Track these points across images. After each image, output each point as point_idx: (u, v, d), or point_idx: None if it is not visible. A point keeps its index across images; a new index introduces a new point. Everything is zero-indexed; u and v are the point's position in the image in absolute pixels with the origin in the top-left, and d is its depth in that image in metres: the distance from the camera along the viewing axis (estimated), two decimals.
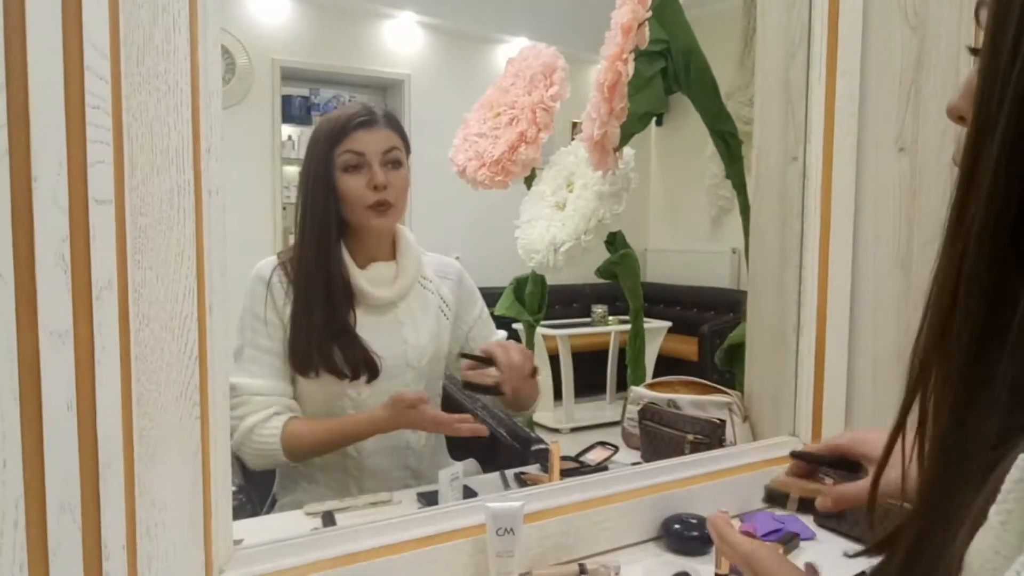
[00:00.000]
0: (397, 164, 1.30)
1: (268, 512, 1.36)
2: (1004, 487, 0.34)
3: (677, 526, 1.11)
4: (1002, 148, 0.36)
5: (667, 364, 4.49)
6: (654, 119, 3.37)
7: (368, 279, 1.31)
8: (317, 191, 1.27)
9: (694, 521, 1.11)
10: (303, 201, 1.30)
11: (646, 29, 1.52)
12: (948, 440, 0.39)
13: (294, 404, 1.29)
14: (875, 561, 0.75)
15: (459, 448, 1.50)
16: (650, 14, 1.52)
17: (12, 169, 0.64)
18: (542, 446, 1.49)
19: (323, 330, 1.27)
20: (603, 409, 4.71)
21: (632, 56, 1.53)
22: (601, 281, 2.33)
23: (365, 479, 1.32)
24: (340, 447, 1.29)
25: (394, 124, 1.32)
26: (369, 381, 1.29)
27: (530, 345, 2.49)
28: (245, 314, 1.29)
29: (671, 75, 1.69)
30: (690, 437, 1.37)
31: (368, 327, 1.31)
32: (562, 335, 4.42)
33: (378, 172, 1.26)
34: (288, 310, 1.28)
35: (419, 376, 1.35)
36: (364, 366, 1.28)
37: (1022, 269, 0.36)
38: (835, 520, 1.16)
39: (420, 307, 1.37)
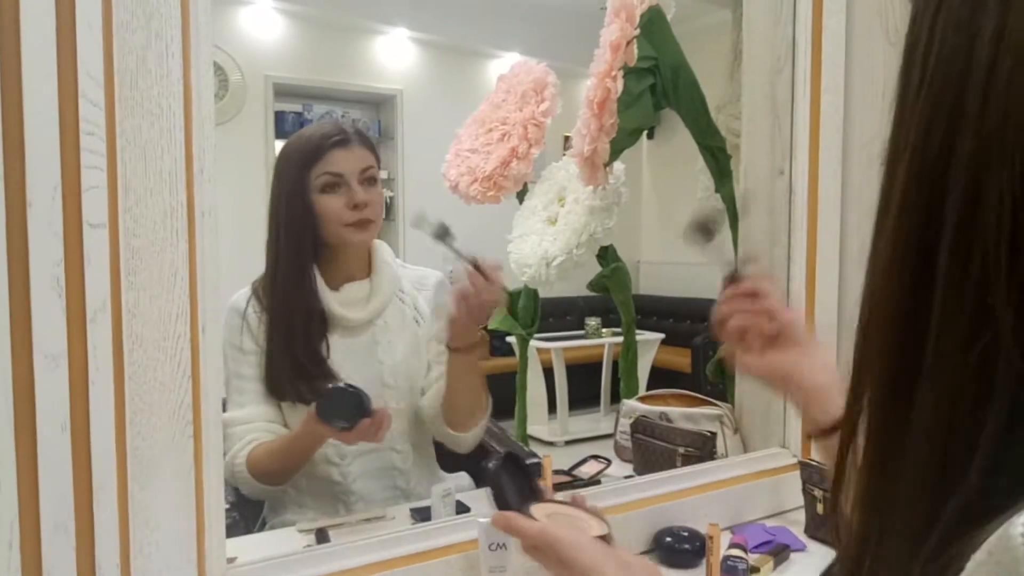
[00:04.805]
0: (373, 181, 1.30)
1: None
2: (968, 566, 0.31)
3: (669, 539, 1.12)
4: (907, 177, 0.36)
5: (660, 376, 4.49)
6: (645, 133, 3.40)
7: (340, 301, 1.31)
8: (293, 213, 1.26)
9: (686, 534, 1.12)
10: (276, 224, 1.28)
11: (634, 46, 1.54)
12: (873, 486, 0.37)
13: (278, 427, 1.28)
14: None
15: (450, 462, 1.51)
16: (638, 31, 1.54)
17: (7, 195, 0.65)
18: (535, 460, 1.49)
19: (291, 359, 1.26)
20: (598, 421, 4.71)
21: (621, 73, 1.56)
22: (594, 293, 2.34)
23: (354, 503, 1.31)
24: (298, 463, 1.27)
25: (366, 142, 1.31)
26: None
27: (524, 358, 2.50)
28: (225, 346, 1.28)
29: (660, 91, 1.70)
30: (681, 450, 1.38)
31: (342, 350, 1.30)
32: (556, 348, 4.43)
33: (358, 191, 1.26)
34: (264, 336, 1.29)
35: (399, 394, 1.34)
36: None
37: (930, 298, 0.34)
38: (825, 531, 1.17)
39: (397, 323, 1.36)
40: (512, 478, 0.79)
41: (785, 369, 0.71)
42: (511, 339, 2.49)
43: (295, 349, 1.26)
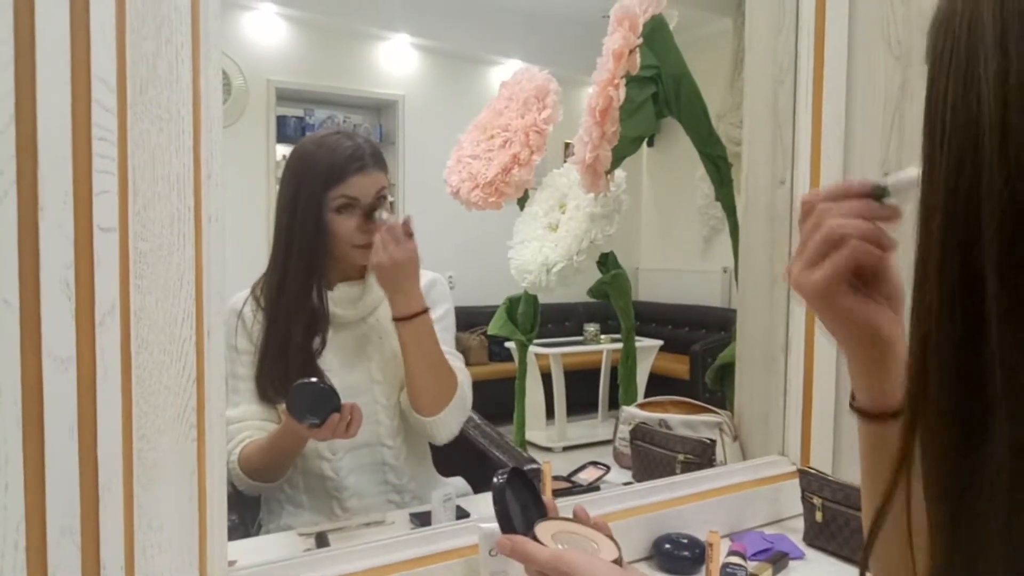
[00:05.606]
0: (383, 201, 1.32)
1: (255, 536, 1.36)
2: None
3: (668, 546, 1.12)
4: (944, 221, 0.38)
5: (658, 383, 4.50)
6: (645, 140, 3.42)
7: (334, 300, 1.33)
8: (306, 230, 1.28)
9: (685, 541, 1.12)
10: (286, 235, 1.29)
11: (637, 55, 1.55)
12: (950, 526, 0.38)
13: (271, 426, 1.29)
14: None
15: (448, 466, 1.51)
16: (641, 40, 1.55)
17: (20, 198, 0.65)
18: (534, 466, 1.50)
19: (284, 359, 1.27)
20: (595, 427, 4.70)
21: (623, 81, 1.57)
22: (594, 299, 2.35)
23: (347, 499, 1.33)
24: (284, 460, 1.28)
25: (381, 163, 1.34)
26: None
27: (522, 363, 2.50)
28: None
29: (662, 100, 1.72)
30: (680, 457, 1.38)
31: (335, 346, 1.32)
32: (554, 354, 4.43)
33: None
34: (260, 337, 1.30)
35: (388, 390, 1.35)
36: None
37: (986, 324, 0.36)
38: (824, 539, 1.17)
39: (388, 321, 1.36)
40: (517, 497, 0.75)
41: (876, 325, 0.59)
42: (510, 345, 2.49)
43: (288, 350, 1.28)
